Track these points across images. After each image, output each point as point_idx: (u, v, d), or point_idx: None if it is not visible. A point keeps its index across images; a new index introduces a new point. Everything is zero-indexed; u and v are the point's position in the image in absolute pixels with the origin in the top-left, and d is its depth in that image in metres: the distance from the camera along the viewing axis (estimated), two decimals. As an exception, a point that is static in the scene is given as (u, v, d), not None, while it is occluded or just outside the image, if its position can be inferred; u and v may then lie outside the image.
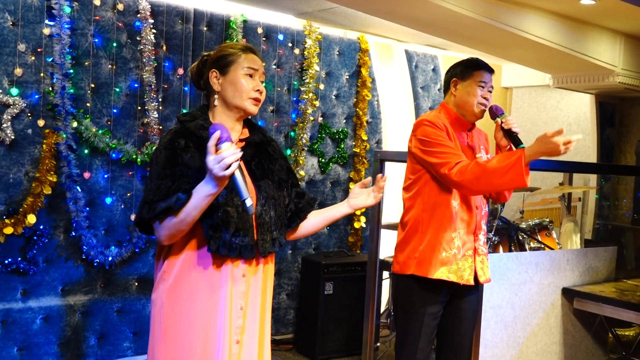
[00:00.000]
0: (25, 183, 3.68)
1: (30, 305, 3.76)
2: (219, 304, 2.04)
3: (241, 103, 2.11)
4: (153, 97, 4.09)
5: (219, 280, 2.05)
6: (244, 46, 2.19)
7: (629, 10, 4.35)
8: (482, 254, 2.93)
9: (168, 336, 2.05)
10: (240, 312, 2.09)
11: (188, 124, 2.09)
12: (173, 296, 2.05)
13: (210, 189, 1.91)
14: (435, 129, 2.82)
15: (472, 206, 2.88)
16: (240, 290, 2.08)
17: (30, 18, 3.65)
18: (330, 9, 4.63)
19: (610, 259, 4.26)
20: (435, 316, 2.87)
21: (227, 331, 2.05)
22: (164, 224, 1.96)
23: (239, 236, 2.04)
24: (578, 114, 6.45)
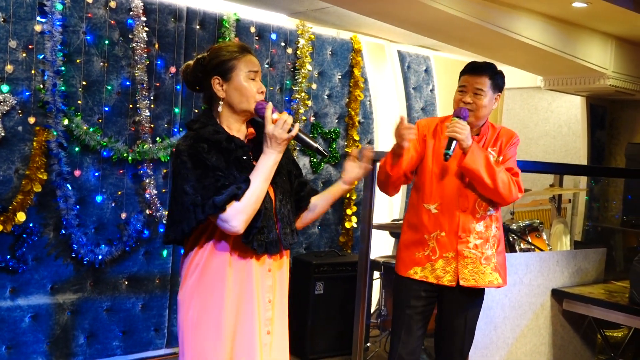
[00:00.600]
0: (15, 180, 3.66)
1: (19, 303, 3.74)
2: (249, 298, 2.16)
3: (248, 107, 2.18)
4: (145, 95, 4.08)
5: (247, 276, 2.16)
6: (240, 47, 2.22)
7: (620, 13, 4.38)
8: (472, 257, 2.90)
9: (200, 330, 2.13)
10: (268, 304, 2.22)
11: (200, 130, 2.15)
12: (203, 292, 2.14)
13: (275, 157, 2.13)
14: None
15: (457, 209, 2.89)
16: (268, 284, 2.22)
17: (22, 14, 3.62)
18: (323, 8, 4.63)
19: (600, 261, 4.28)
20: (418, 311, 2.96)
21: (258, 323, 2.17)
22: (237, 210, 2.04)
23: (264, 233, 2.14)
24: (569, 116, 6.47)
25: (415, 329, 2.97)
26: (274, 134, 2.09)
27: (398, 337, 2.99)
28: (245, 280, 2.15)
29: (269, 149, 2.12)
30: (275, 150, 2.12)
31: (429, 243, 2.92)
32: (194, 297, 2.15)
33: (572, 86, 5.52)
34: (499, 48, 4.95)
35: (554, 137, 6.57)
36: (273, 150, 2.12)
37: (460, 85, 2.96)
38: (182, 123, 4.28)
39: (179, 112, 4.28)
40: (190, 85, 2.28)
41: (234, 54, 2.19)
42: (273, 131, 2.09)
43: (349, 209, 5.25)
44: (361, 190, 5.20)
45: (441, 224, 2.90)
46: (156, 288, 4.26)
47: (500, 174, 2.82)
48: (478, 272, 2.90)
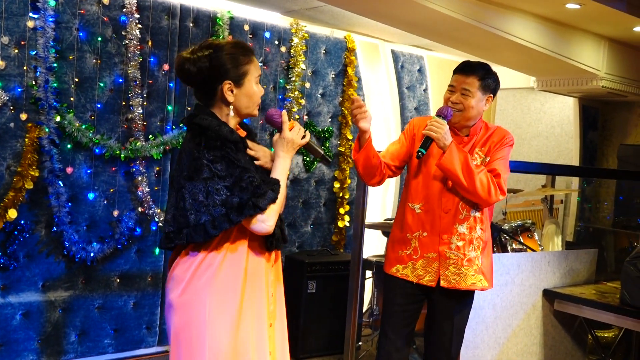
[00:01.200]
0: (6, 177, 3.64)
1: (10, 300, 3.72)
2: (261, 294, 2.22)
3: (252, 111, 2.26)
4: (138, 92, 4.06)
5: (259, 272, 2.22)
6: (249, 50, 2.23)
7: (613, 15, 4.39)
8: (454, 258, 2.88)
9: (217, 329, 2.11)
10: (271, 298, 2.28)
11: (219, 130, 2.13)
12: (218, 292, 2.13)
13: (289, 159, 2.26)
14: (404, 131, 3.09)
15: (440, 210, 2.89)
16: (271, 279, 2.29)
17: (14, 10, 3.61)
18: (317, 7, 4.63)
19: (591, 262, 4.30)
20: (403, 308, 2.98)
21: (265, 316, 2.24)
22: (272, 211, 2.14)
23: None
24: (561, 117, 6.50)
25: (400, 326, 2.98)
26: (292, 139, 2.23)
27: (385, 334, 3.01)
28: (259, 277, 2.22)
29: (285, 152, 2.24)
30: (290, 153, 2.24)
31: (411, 242, 2.93)
32: (207, 296, 2.11)
33: (565, 87, 5.54)
34: (492, 48, 4.96)
35: (547, 137, 6.59)
36: (289, 154, 2.24)
37: (450, 84, 2.95)
38: (175, 121, 4.27)
39: (172, 110, 4.27)
40: (190, 81, 2.21)
41: (246, 58, 2.19)
42: (292, 136, 2.23)
43: (341, 208, 5.25)
44: (354, 189, 5.20)
45: (424, 224, 2.90)
46: (148, 286, 4.25)
47: (480, 175, 2.77)
48: (460, 273, 2.88)
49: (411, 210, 2.94)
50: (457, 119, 2.89)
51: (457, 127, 2.93)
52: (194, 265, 2.14)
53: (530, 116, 6.74)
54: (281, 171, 2.22)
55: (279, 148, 2.24)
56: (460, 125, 2.92)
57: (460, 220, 2.88)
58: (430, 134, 2.75)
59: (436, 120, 2.77)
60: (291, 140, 2.24)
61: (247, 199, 2.08)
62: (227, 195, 2.06)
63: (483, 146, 2.96)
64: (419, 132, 2.95)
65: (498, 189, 2.83)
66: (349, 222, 5.25)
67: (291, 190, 4.97)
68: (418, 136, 2.95)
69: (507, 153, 2.97)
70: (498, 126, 3.06)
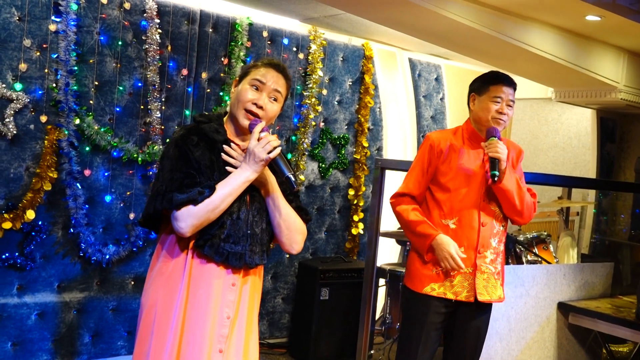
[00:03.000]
0: (25, 178, 3.68)
1: (25, 300, 3.75)
2: (206, 310, 2.03)
3: (236, 112, 2.12)
4: (156, 96, 4.10)
5: (206, 286, 2.04)
6: (270, 61, 2.18)
7: (633, 27, 4.37)
8: (488, 272, 2.88)
9: (147, 329, 2.06)
10: (227, 321, 2.07)
11: (203, 124, 2.12)
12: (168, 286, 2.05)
13: (249, 175, 2.04)
14: (423, 151, 2.94)
15: (477, 224, 2.86)
16: (229, 299, 2.07)
17: (37, 14, 3.65)
18: (336, 15, 4.64)
19: (607, 275, 4.26)
20: (435, 327, 2.90)
21: (209, 339, 2.02)
22: (189, 213, 1.97)
23: (229, 242, 2.05)
24: (579, 128, 6.45)
25: (431, 344, 2.91)
26: (254, 150, 2.02)
27: (414, 353, 2.90)
28: (203, 290, 2.03)
29: (246, 165, 2.04)
30: (251, 168, 2.03)
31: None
32: (160, 287, 2.07)
33: (583, 99, 5.51)
34: (511, 59, 4.94)
35: (564, 149, 6.55)
36: (249, 167, 2.03)
37: (494, 95, 2.84)
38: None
39: (190, 114, 4.29)
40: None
41: (258, 63, 2.17)
42: (254, 148, 2.02)
43: (355, 216, 5.25)
44: (369, 197, 5.20)
45: (460, 239, 2.84)
46: (162, 289, 4.26)
47: (526, 196, 2.86)
48: (491, 286, 2.89)
49: (445, 226, 2.86)
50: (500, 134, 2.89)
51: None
52: (155, 253, 2.15)
53: (548, 127, 6.70)
54: (229, 183, 2.02)
55: (243, 159, 2.06)
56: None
57: (494, 234, 2.89)
58: (499, 156, 2.74)
59: (497, 142, 2.76)
60: (253, 152, 2.01)
61: (169, 191, 1.99)
62: (161, 182, 2.03)
63: (516, 156, 2.99)
64: (445, 148, 2.89)
65: (535, 208, 2.94)
66: (363, 230, 5.24)
67: (306, 196, 4.97)
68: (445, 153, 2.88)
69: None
70: (507, 139, 3.04)
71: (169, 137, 4.16)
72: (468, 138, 2.92)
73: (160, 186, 2.02)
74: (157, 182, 2.05)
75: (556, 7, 4.12)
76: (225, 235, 2.04)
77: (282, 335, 4.93)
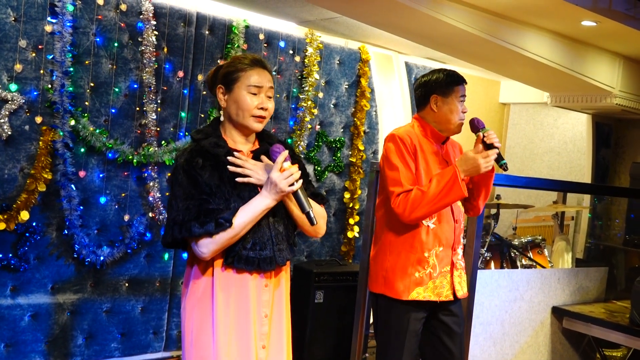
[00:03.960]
0: (19, 179, 3.67)
1: (19, 302, 3.74)
2: (245, 313, 2.13)
3: (244, 121, 2.16)
4: (152, 98, 4.09)
5: (244, 291, 2.13)
6: (252, 60, 2.19)
7: (629, 33, 4.38)
8: (460, 268, 2.94)
9: (199, 343, 2.13)
10: (265, 319, 2.19)
11: (202, 142, 2.14)
12: (201, 306, 2.14)
13: (269, 203, 2.09)
14: (399, 148, 2.80)
15: (452, 221, 2.89)
16: (264, 299, 2.19)
17: (33, 14, 3.64)
18: (332, 18, 4.64)
19: (601, 280, 4.27)
20: (416, 333, 2.87)
21: (253, 337, 2.14)
22: (210, 241, 2.04)
23: (256, 250, 2.12)
24: (574, 133, 6.47)
25: (415, 354, 2.89)
26: (277, 182, 2.06)
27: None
28: (241, 295, 2.13)
29: (267, 193, 2.08)
30: (272, 197, 2.08)
31: (428, 260, 2.83)
32: (194, 309, 2.16)
33: (579, 104, 5.52)
34: (507, 63, 4.96)
35: (559, 153, 6.56)
36: (269, 196, 2.08)
37: (461, 94, 2.91)
38: (188, 127, 4.30)
39: (186, 116, 4.29)
40: (210, 90, 2.29)
41: (242, 65, 2.17)
42: (277, 179, 2.06)
43: (351, 219, 5.25)
44: (364, 200, 5.20)
45: (439, 238, 2.85)
46: (156, 291, 4.26)
47: None
48: (463, 281, 2.95)
49: (425, 227, 2.82)
50: (460, 129, 2.94)
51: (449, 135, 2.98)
52: (187, 273, 2.22)
53: (543, 131, 6.72)
54: (250, 209, 2.07)
55: (264, 186, 2.10)
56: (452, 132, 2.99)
57: (462, 229, 2.97)
58: (499, 144, 2.79)
59: (492, 132, 2.79)
60: (275, 182, 2.06)
61: (186, 221, 2.04)
62: (176, 212, 2.06)
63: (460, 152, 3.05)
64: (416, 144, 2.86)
65: None
66: (359, 233, 5.24)
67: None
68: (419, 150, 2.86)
69: None
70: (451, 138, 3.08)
71: (164, 140, 4.16)
72: (426, 136, 2.92)
73: (177, 215, 2.06)
74: (172, 211, 2.08)
75: (552, 12, 4.14)
76: (251, 244, 2.12)
77: (277, 338, 4.91)
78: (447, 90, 2.89)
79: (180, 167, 2.10)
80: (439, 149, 2.94)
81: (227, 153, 2.13)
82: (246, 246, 2.10)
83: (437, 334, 2.93)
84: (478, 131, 2.82)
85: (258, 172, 2.15)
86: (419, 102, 2.98)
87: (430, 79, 2.94)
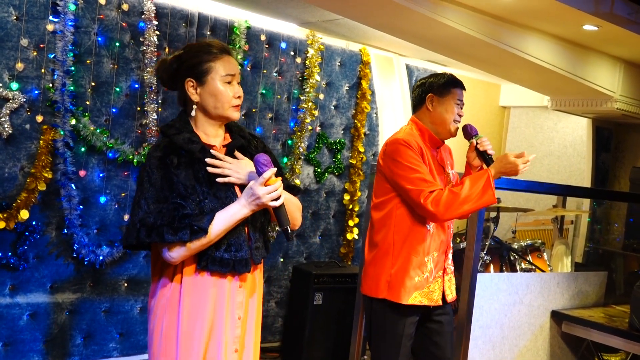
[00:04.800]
0: (20, 178, 3.67)
1: (18, 301, 3.73)
2: (218, 315, 2.05)
3: (223, 112, 2.08)
4: (153, 98, 4.09)
5: (217, 293, 2.05)
6: (219, 48, 2.10)
7: (630, 37, 4.38)
8: (450, 272, 2.95)
9: (168, 347, 2.05)
10: (238, 322, 2.09)
11: (175, 137, 2.05)
12: (172, 308, 2.04)
13: (247, 212, 2.01)
14: (410, 151, 2.78)
15: (446, 226, 2.90)
16: (238, 301, 2.09)
17: (35, 13, 3.64)
18: (333, 20, 4.65)
19: (600, 284, 4.27)
20: (410, 337, 2.86)
21: (225, 341, 2.05)
22: (182, 247, 1.96)
23: (231, 251, 2.04)
24: (574, 137, 6.47)
25: (407, 354, 2.88)
26: (260, 195, 1.97)
27: None
28: (215, 297, 2.04)
29: (247, 203, 2.00)
30: (250, 207, 2.00)
31: (427, 265, 2.82)
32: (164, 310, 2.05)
33: (579, 108, 5.52)
34: (508, 66, 4.95)
35: (559, 157, 6.56)
36: (248, 206, 2.00)
37: (458, 98, 2.90)
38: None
39: (186, 117, 4.28)
40: (165, 83, 2.16)
41: (210, 55, 2.07)
42: (261, 193, 1.97)
43: (350, 221, 5.25)
44: (364, 202, 5.20)
45: (437, 242, 2.87)
46: (155, 291, 4.25)
47: None
48: (452, 285, 2.96)
49: (427, 231, 2.81)
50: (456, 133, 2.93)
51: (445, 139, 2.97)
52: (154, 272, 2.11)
53: (543, 135, 6.72)
54: (227, 217, 1.99)
55: (243, 194, 2.01)
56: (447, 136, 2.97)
57: (451, 234, 2.97)
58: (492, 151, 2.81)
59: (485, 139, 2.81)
60: (258, 196, 1.97)
61: (159, 225, 1.94)
62: (145, 212, 1.96)
63: (450, 156, 3.05)
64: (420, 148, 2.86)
65: None
66: (358, 235, 5.24)
67: (301, 200, 4.95)
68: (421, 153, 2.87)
69: None
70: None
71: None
72: (424, 140, 2.89)
73: (146, 217, 1.95)
74: (141, 211, 1.97)
75: (553, 16, 4.14)
76: (226, 246, 2.03)
77: (275, 339, 4.92)
78: (444, 91, 2.89)
79: (153, 164, 2.00)
80: (435, 154, 2.93)
81: (202, 149, 2.05)
82: (220, 248, 2.02)
83: (428, 334, 2.93)
84: (471, 138, 2.83)
85: (238, 170, 2.07)
86: (416, 103, 2.98)
87: (428, 80, 2.96)
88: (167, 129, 2.08)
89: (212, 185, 2.03)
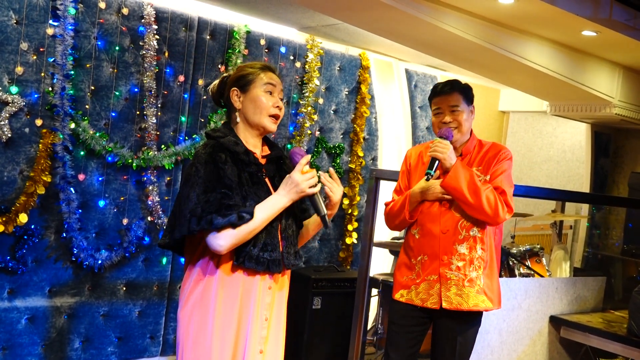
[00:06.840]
0: (19, 182, 3.67)
1: (16, 304, 3.73)
2: (247, 315, 2.15)
3: (261, 120, 2.23)
4: (152, 102, 4.09)
5: (248, 292, 2.16)
6: (263, 65, 2.29)
7: (629, 43, 4.39)
8: (456, 279, 2.87)
9: (198, 345, 2.13)
10: (265, 323, 2.21)
11: (222, 139, 2.19)
12: (203, 307, 2.14)
13: (286, 202, 2.16)
14: (402, 165, 3.12)
15: (438, 232, 2.90)
16: (266, 302, 2.21)
17: (35, 17, 3.65)
18: (333, 25, 4.65)
19: (599, 289, 4.27)
20: (406, 330, 2.98)
21: (252, 341, 2.16)
22: (230, 234, 2.07)
23: (267, 251, 2.15)
24: (573, 142, 6.48)
25: (403, 348, 2.98)
26: (298, 182, 2.13)
27: (387, 356, 3.05)
28: (245, 297, 2.16)
29: (286, 193, 2.15)
30: (290, 196, 2.15)
31: (415, 267, 2.97)
32: (193, 313, 2.15)
33: (578, 113, 5.54)
34: (507, 72, 4.96)
35: (558, 162, 6.57)
36: (288, 196, 2.15)
37: (434, 108, 2.97)
38: (188, 131, 4.30)
39: (186, 121, 4.29)
40: (216, 100, 2.35)
41: (254, 68, 2.27)
42: (299, 180, 2.14)
43: (350, 225, 5.25)
44: (363, 206, 5.20)
45: (424, 247, 2.93)
46: (154, 295, 4.25)
47: (486, 192, 2.78)
48: (462, 294, 2.86)
49: (412, 236, 3.00)
50: (456, 137, 2.91)
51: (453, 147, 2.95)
52: (188, 279, 2.21)
53: (542, 140, 6.73)
54: (268, 206, 2.14)
55: (282, 185, 2.18)
56: (458, 141, 2.95)
57: (460, 240, 2.88)
58: (437, 155, 2.77)
59: (440, 142, 2.80)
60: (297, 183, 2.14)
61: (207, 213, 2.05)
62: (195, 204, 2.07)
63: (480, 164, 2.95)
64: (413, 161, 3.05)
65: (505, 206, 2.84)
66: (357, 239, 5.24)
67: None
68: (413, 165, 3.05)
69: (508, 166, 2.94)
70: (493, 142, 3.05)
71: (164, 144, 4.16)
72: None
73: (195, 208, 2.06)
74: (189, 202, 2.08)
75: (552, 21, 4.15)
76: (263, 244, 2.15)
77: (274, 343, 4.90)
78: (430, 105, 3.06)
79: (202, 160, 2.12)
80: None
81: (246, 151, 2.20)
82: (257, 246, 2.13)
83: (433, 337, 3.02)
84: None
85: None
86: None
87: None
88: (212, 132, 2.25)
89: (254, 185, 2.18)
